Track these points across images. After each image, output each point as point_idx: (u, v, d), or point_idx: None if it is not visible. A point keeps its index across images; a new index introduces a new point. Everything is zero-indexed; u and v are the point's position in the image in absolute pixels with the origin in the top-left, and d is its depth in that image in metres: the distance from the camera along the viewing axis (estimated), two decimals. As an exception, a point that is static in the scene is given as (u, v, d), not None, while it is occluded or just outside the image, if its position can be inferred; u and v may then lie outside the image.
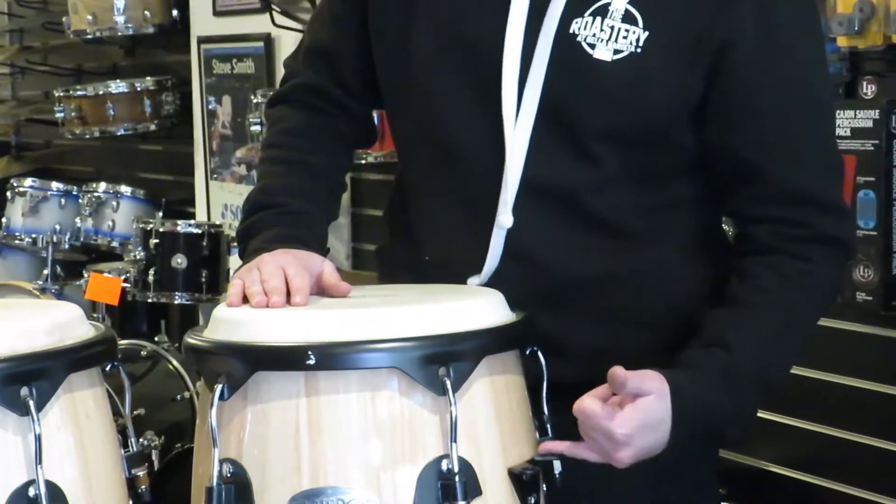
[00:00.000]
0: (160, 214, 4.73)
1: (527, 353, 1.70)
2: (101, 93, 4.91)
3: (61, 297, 4.62)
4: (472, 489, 1.57)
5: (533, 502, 1.63)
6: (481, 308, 1.65)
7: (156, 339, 4.22)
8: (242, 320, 1.63)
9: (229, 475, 1.56)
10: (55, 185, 5.11)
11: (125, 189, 4.92)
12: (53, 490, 1.52)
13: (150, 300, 4.21)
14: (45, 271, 4.89)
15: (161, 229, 4.18)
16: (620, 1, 1.73)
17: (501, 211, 1.77)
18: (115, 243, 4.84)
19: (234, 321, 1.63)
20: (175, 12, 4.87)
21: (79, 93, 4.96)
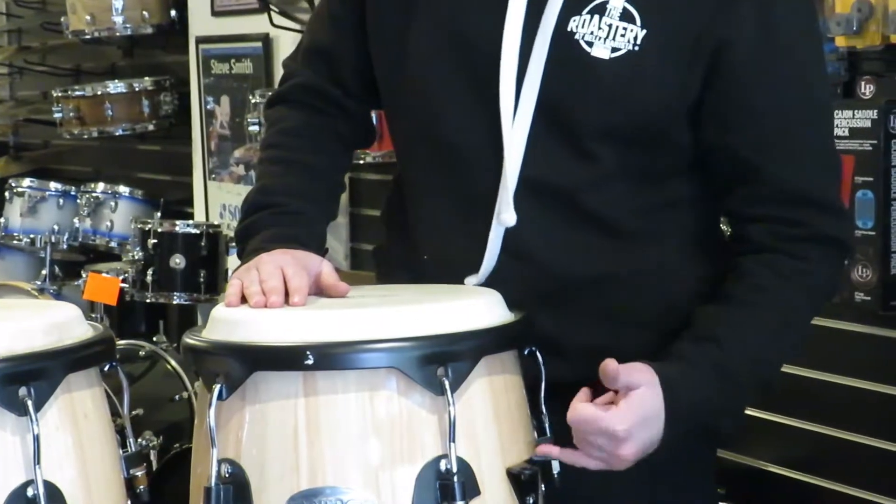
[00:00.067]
0: (158, 214, 4.72)
1: (525, 353, 1.70)
2: (99, 93, 4.91)
3: (59, 297, 4.62)
4: (471, 489, 1.57)
5: (531, 502, 1.63)
6: (480, 308, 1.65)
7: (154, 339, 4.22)
8: (241, 320, 1.63)
9: (228, 475, 1.56)
10: (53, 186, 5.11)
11: (123, 189, 4.92)
12: (52, 490, 1.51)
13: (148, 300, 4.21)
14: (44, 271, 4.89)
15: (159, 229, 4.18)
16: None
17: (503, 209, 1.76)
18: (113, 243, 4.85)
19: (232, 321, 1.63)
20: (173, 12, 4.87)
21: (77, 93, 4.96)
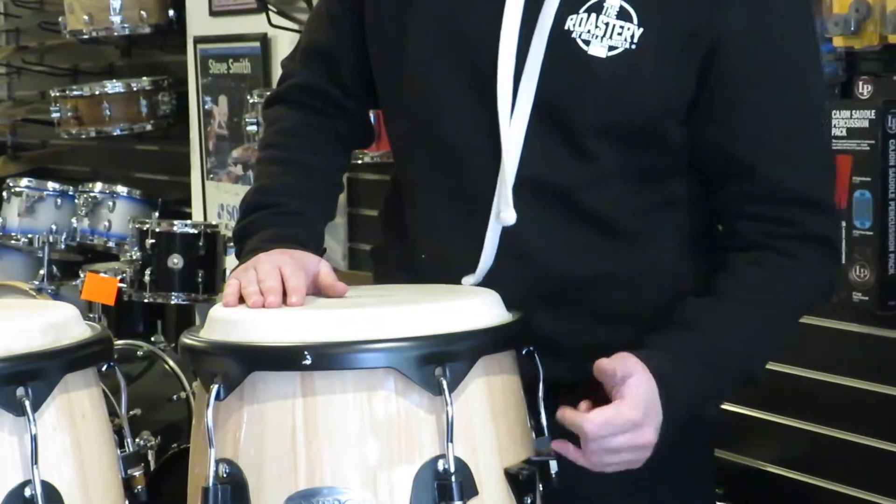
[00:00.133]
0: (156, 214, 4.73)
1: (523, 353, 1.70)
2: (97, 93, 4.91)
3: (57, 297, 4.62)
4: (469, 489, 1.57)
5: (529, 502, 1.63)
6: (477, 308, 1.65)
7: (152, 339, 4.22)
8: (239, 320, 1.63)
9: (225, 475, 1.56)
10: (51, 186, 5.11)
11: (121, 189, 4.93)
12: (49, 490, 1.51)
13: (146, 300, 4.21)
14: (42, 271, 4.89)
15: (157, 229, 4.18)
16: None
17: (503, 208, 1.76)
18: (111, 243, 4.85)
19: (230, 321, 1.63)
20: (171, 12, 4.87)
21: (75, 93, 4.96)
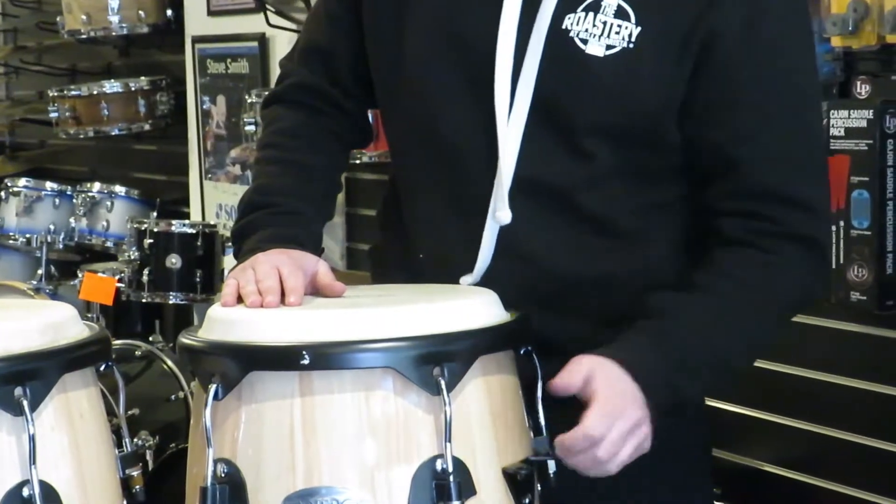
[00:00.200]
0: (154, 214, 4.72)
1: (521, 352, 1.70)
2: (95, 93, 4.90)
3: (55, 297, 4.61)
4: (467, 489, 1.57)
5: (527, 502, 1.63)
6: (476, 308, 1.65)
7: (150, 339, 4.22)
8: (237, 320, 1.63)
9: (224, 475, 1.56)
10: (49, 185, 5.11)
11: (119, 189, 4.92)
12: (47, 490, 1.51)
13: (144, 300, 4.21)
14: (40, 271, 4.88)
15: (155, 229, 4.18)
16: None
17: (499, 207, 1.76)
18: (109, 243, 4.85)
19: (228, 321, 1.63)
20: (169, 12, 4.87)
21: (73, 93, 4.95)
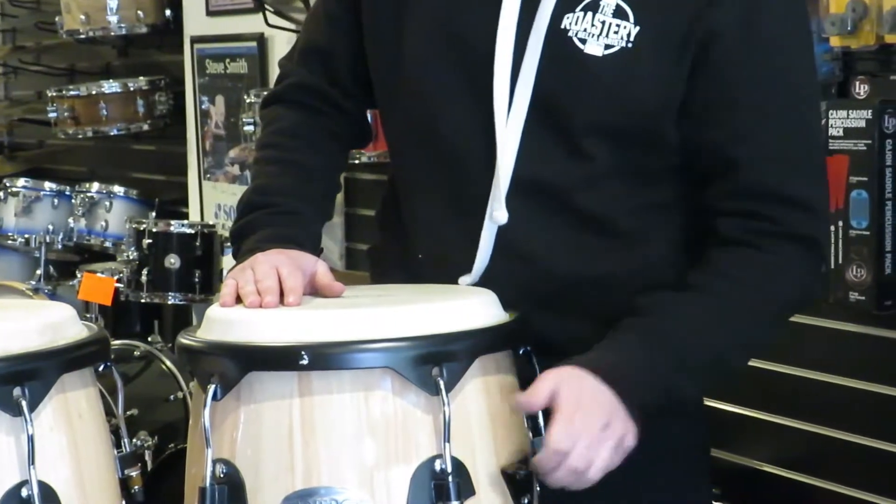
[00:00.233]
0: (153, 214, 4.72)
1: (520, 353, 1.70)
2: (93, 93, 4.90)
3: (54, 297, 4.61)
4: (466, 489, 1.57)
5: (526, 502, 1.63)
6: (474, 308, 1.65)
7: (149, 339, 4.22)
8: (236, 320, 1.63)
9: (222, 475, 1.56)
10: (48, 186, 5.11)
11: (118, 189, 4.92)
12: (46, 490, 1.51)
13: (143, 300, 4.21)
14: (38, 271, 4.88)
15: (154, 229, 4.18)
16: None
17: (495, 207, 1.76)
18: (108, 243, 4.85)
19: (227, 321, 1.63)
20: (168, 12, 4.87)
21: (72, 93, 4.95)
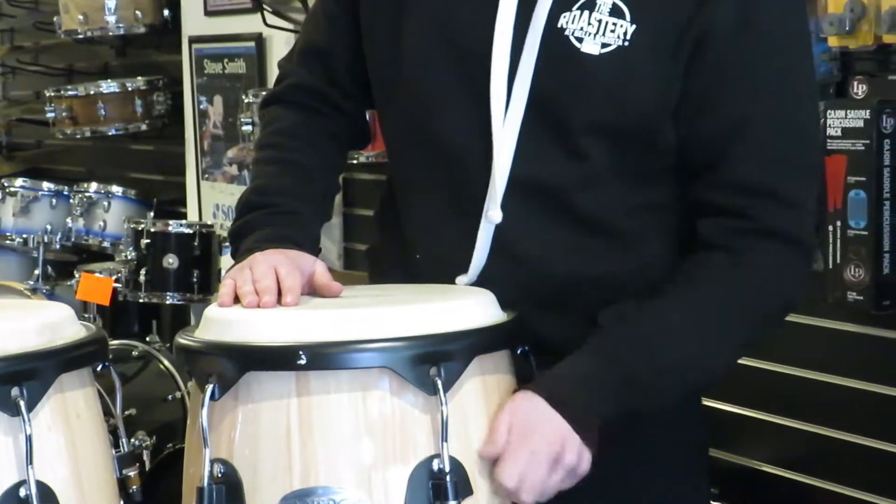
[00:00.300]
0: (151, 214, 4.72)
1: (518, 352, 1.70)
2: (92, 93, 4.90)
3: (52, 297, 4.61)
4: (463, 489, 1.57)
5: (524, 502, 1.63)
6: (472, 308, 1.65)
7: (147, 339, 4.22)
8: (234, 320, 1.63)
9: (220, 475, 1.56)
10: (46, 186, 5.10)
11: (116, 189, 4.92)
12: (44, 490, 1.51)
13: (141, 300, 4.21)
14: (36, 271, 4.88)
15: (152, 229, 4.18)
16: None
17: (491, 206, 1.76)
18: (106, 243, 4.84)
19: (225, 321, 1.63)
20: (166, 12, 4.87)
21: (70, 93, 4.95)
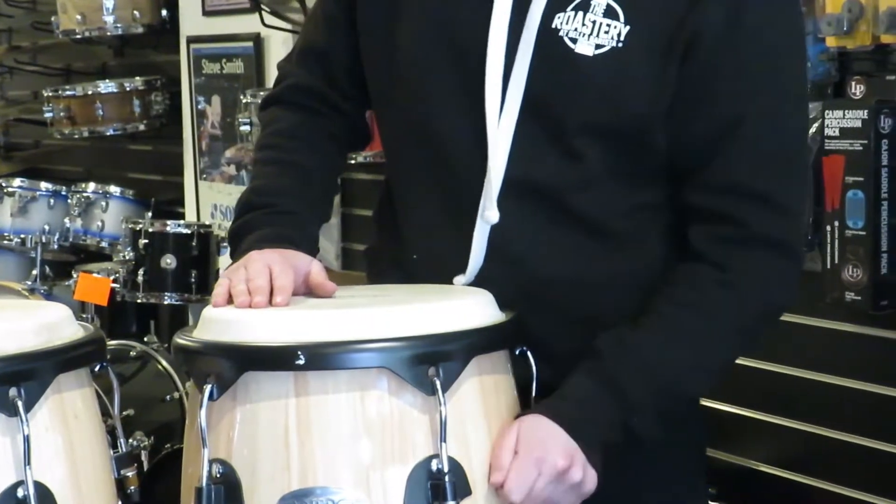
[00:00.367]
0: (149, 214, 4.71)
1: (516, 353, 1.70)
2: (90, 93, 4.90)
3: (50, 297, 4.61)
4: (462, 489, 1.57)
5: (523, 502, 1.63)
6: (470, 308, 1.65)
7: (145, 339, 4.22)
8: (232, 320, 1.63)
9: (219, 475, 1.56)
10: (44, 186, 5.10)
11: (114, 189, 4.92)
12: (42, 491, 1.51)
13: (139, 300, 4.21)
14: (34, 272, 4.88)
15: (150, 229, 4.18)
16: None
17: (487, 206, 1.76)
18: (104, 243, 4.84)
19: (223, 321, 1.63)
20: (164, 12, 4.86)
21: (68, 93, 4.95)
